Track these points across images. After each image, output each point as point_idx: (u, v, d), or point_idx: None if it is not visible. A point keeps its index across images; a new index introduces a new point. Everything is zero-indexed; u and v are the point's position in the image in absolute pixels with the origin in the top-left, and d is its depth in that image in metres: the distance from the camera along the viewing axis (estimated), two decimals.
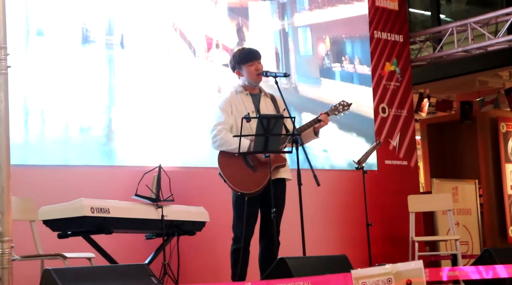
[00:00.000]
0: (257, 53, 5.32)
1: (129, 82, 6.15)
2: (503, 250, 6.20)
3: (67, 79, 5.78)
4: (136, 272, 3.78)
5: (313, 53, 7.65)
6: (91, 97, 5.88)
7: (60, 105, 5.72)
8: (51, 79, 5.69)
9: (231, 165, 5.02)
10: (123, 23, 6.19)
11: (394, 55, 8.41)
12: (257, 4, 7.19)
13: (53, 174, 5.58)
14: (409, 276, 3.31)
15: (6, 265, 3.37)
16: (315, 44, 7.67)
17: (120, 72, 6.09)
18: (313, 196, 5.70)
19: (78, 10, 5.91)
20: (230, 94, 5.30)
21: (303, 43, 7.57)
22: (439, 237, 8.71)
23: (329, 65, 7.71)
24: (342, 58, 7.86)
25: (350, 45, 8.00)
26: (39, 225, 4.98)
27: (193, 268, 5.99)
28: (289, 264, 4.17)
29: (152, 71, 6.29)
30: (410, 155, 8.35)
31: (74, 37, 5.85)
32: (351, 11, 8.04)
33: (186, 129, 6.42)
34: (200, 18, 6.72)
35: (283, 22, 7.41)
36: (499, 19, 8.61)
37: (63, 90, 5.74)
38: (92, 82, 5.92)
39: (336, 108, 5.40)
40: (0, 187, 3.39)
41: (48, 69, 5.69)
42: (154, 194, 5.06)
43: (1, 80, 3.41)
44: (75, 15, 5.88)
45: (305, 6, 7.63)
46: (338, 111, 5.40)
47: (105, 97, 5.98)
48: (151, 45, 6.32)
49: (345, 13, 7.97)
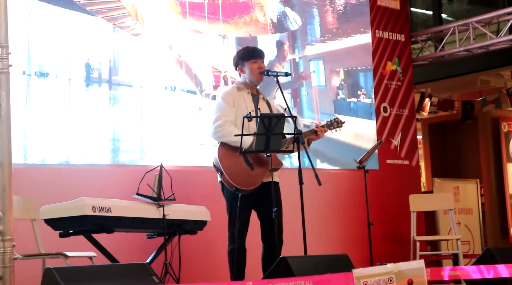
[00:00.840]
0: (261, 53, 5.34)
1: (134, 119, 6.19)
2: (505, 249, 6.20)
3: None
4: (137, 271, 3.78)
5: (326, 85, 7.66)
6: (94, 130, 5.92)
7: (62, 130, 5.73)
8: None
9: (230, 159, 5.02)
10: (127, 61, 6.21)
11: (395, 54, 8.41)
12: (266, 36, 7.17)
13: (55, 173, 5.59)
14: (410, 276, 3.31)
15: (7, 264, 3.37)
16: (328, 76, 7.67)
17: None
18: (315, 195, 5.69)
19: (81, 48, 5.92)
20: (232, 89, 5.30)
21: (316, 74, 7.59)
22: (440, 237, 8.71)
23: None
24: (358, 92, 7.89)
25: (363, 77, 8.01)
26: (40, 224, 4.98)
27: (194, 267, 6.00)
28: (290, 263, 4.17)
29: (157, 107, 6.33)
30: (411, 154, 8.35)
31: (78, 76, 5.89)
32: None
33: (188, 128, 6.42)
34: (208, 52, 6.73)
35: (294, 56, 7.40)
36: (501, 19, 8.60)
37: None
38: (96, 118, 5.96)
39: (331, 123, 5.44)
40: (2, 186, 3.39)
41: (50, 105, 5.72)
42: (155, 193, 5.06)
43: (3, 79, 3.40)
44: (78, 53, 5.90)
45: (316, 38, 7.63)
46: (332, 127, 5.43)
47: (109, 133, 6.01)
48: (157, 81, 6.34)
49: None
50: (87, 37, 5.94)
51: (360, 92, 7.90)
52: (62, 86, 5.77)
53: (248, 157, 5.01)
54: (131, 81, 6.19)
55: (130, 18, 6.23)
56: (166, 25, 6.47)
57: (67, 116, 5.75)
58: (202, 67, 6.67)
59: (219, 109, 5.18)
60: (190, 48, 6.62)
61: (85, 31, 5.93)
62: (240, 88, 5.27)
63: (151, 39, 6.34)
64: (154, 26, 6.39)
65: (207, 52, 6.73)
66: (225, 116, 5.12)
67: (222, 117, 5.12)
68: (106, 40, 6.05)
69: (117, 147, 5.99)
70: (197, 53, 6.65)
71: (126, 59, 6.19)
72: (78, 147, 5.76)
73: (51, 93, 5.70)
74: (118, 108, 6.07)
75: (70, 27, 5.86)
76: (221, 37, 6.83)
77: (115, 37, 6.14)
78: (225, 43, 6.83)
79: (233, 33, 6.92)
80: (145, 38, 6.32)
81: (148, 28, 6.35)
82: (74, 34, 5.87)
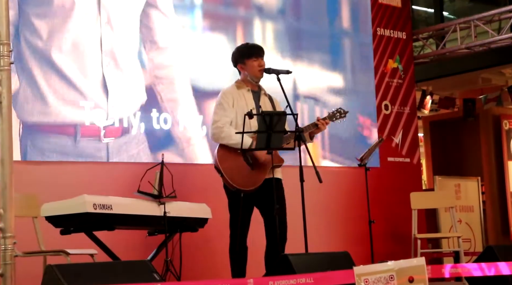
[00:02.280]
0: (261, 50, 5.33)
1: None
2: (506, 247, 6.19)
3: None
4: (138, 268, 3.79)
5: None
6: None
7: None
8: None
9: (230, 160, 5.02)
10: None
11: (397, 52, 8.40)
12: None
13: (56, 170, 5.59)
14: (411, 273, 3.31)
15: (8, 261, 3.37)
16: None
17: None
18: (315, 193, 5.69)
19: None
20: (232, 88, 5.29)
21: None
22: (441, 234, 8.70)
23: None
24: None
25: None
26: (41, 222, 4.98)
27: (195, 265, 6.00)
28: (291, 260, 4.17)
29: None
30: (412, 152, 8.35)
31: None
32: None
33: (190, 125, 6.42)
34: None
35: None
36: (503, 16, 8.60)
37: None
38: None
39: (334, 114, 5.41)
40: (3, 183, 3.39)
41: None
42: (156, 191, 5.06)
43: (4, 76, 3.40)
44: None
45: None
46: (335, 118, 5.40)
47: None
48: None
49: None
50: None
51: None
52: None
53: (248, 156, 5.01)
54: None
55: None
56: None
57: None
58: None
59: (218, 110, 5.18)
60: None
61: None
62: (240, 87, 5.26)
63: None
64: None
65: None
66: (224, 117, 5.12)
67: (221, 118, 5.12)
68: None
69: (118, 144, 5.99)
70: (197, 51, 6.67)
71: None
72: (79, 144, 5.75)
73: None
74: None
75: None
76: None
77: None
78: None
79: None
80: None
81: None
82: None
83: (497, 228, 10.26)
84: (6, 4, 3.44)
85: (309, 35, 7.54)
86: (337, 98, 7.59)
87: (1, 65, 3.40)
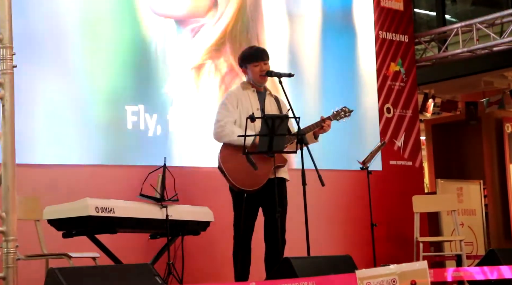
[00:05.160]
0: (264, 54, 5.29)
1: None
2: (508, 250, 6.18)
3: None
4: (140, 271, 3.78)
5: None
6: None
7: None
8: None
9: (233, 160, 5.02)
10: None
11: (399, 55, 8.40)
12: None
13: (58, 174, 5.58)
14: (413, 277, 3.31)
15: (10, 265, 3.37)
16: None
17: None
18: (318, 196, 5.69)
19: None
20: (237, 89, 5.30)
21: None
22: (443, 238, 8.69)
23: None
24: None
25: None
26: (43, 225, 4.99)
27: (197, 268, 6.00)
28: (293, 264, 4.17)
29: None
30: (414, 155, 8.34)
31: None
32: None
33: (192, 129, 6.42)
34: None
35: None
36: (505, 20, 8.61)
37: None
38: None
39: (338, 113, 5.38)
40: (5, 186, 3.39)
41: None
42: (158, 194, 5.07)
43: (7, 79, 3.40)
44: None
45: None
46: (340, 117, 5.38)
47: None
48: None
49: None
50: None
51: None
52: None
53: (251, 156, 5.01)
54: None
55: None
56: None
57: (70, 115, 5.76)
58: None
59: (222, 110, 5.19)
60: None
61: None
62: (245, 87, 5.27)
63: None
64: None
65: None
66: (227, 117, 5.12)
67: (224, 118, 5.13)
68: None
69: (120, 147, 5.99)
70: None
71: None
72: (81, 147, 5.76)
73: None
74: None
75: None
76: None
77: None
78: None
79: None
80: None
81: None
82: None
83: (500, 232, 10.24)
84: (9, 8, 3.44)
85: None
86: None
87: (4, 69, 3.40)
